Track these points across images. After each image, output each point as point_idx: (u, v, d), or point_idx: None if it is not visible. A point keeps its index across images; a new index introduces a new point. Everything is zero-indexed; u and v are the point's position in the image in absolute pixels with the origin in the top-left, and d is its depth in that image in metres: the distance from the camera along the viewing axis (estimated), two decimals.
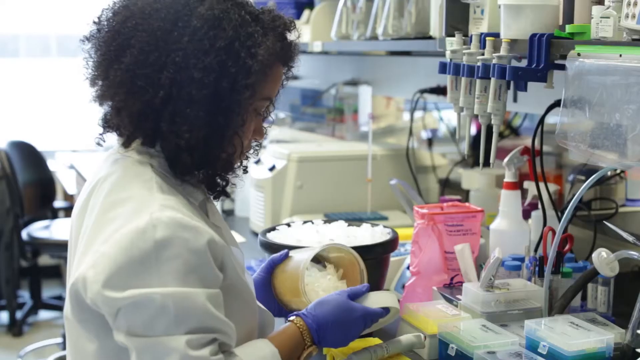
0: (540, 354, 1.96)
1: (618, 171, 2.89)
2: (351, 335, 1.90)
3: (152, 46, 1.65)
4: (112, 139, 1.82)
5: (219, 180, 1.79)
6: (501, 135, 3.64)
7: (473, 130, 3.86)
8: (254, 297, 1.88)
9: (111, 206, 1.68)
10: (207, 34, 1.66)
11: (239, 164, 1.81)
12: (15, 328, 6.28)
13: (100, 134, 1.79)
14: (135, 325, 1.59)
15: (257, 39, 1.69)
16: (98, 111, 1.77)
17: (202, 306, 1.62)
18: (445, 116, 4.33)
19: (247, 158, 1.84)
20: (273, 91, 1.80)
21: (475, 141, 3.39)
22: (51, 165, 6.54)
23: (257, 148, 1.89)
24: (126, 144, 1.74)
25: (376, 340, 2.05)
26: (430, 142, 4.02)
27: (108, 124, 1.75)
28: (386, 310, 1.95)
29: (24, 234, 6.00)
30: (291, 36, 1.80)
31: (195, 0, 1.69)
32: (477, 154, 2.45)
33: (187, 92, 1.64)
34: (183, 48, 1.65)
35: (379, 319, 1.93)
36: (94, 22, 1.75)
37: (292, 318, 1.86)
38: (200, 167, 1.73)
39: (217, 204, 3.75)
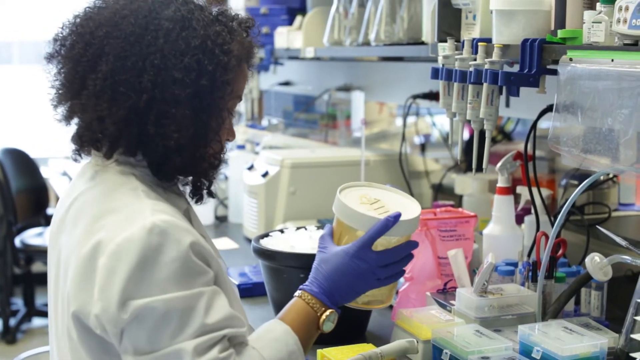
0: (534, 359, 1.96)
1: (611, 176, 2.89)
2: (364, 278, 1.80)
3: (127, 51, 1.65)
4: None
5: (204, 180, 1.79)
6: (494, 140, 3.65)
7: (466, 136, 3.86)
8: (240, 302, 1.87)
9: (99, 216, 1.66)
10: (180, 35, 1.67)
11: (220, 165, 1.80)
12: (9, 335, 6.26)
13: (76, 151, 1.77)
14: (140, 342, 1.58)
15: (226, 37, 1.71)
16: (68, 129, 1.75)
17: (206, 305, 1.61)
18: (438, 121, 4.33)
19: (224, 160, 1.83)
20: (242, 89, 1.81)
21: (468, 146, 3.39)
22: (44, 172, 6.53)
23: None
24: (108, 155, 1.72)
25: (370, 346, 2.05)
26: (423, 147, 4.03)
27: (83, 138, 1.72)
28: (393, 219, 1.81)
29: (17, 241, 5.99)
30: (253, 33, 1.83)
31: (159, 4, 1.70)
32: (470, 159, 2.45)
33: (170, 92, 1.64)
34: (160, 50, 1.65)
35: (379, 235, 1.80)
36: (55, 40, 1.75)
37: (296, 293, 1.82)
38: (188, 168, 1.73)
39: (210, 210, 3.77)
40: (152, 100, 1.65)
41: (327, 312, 1.78)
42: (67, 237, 1.72)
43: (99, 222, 1.65)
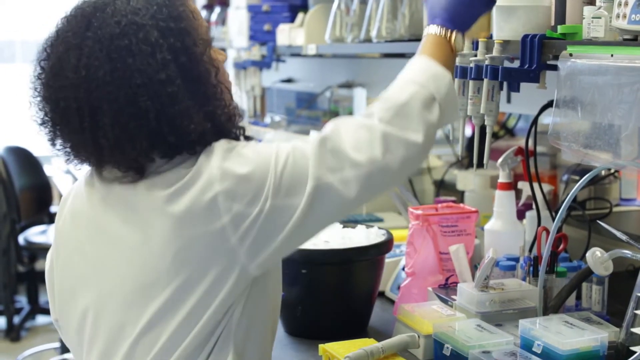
0: (535, 353, 1.97)
1: (612, 171, 2.90)
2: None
3: (114, 94, 1.64)
4: None
5: (235, 132, 1.79)
6: (496, 136, 3.66)
7: (468, 132, 3.87)
8: None
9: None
10: (139, 38, 1.66)
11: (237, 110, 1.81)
12: (13, 333, 6.28)
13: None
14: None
15: (168, 8, 1.71)
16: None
17: None
18: None
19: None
20: (207, 32, 1.78)
21: (470, 142, 3.40)
22: (47, 170, 6.54)
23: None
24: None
25: (372, 341, 2.06)
26: None
27: (131, 167, 1.71)
28: None
29: (21, 239, 6.01)
30: None
31: (103, 33, 1.67)
32: (472, 155, 2.46)
33: (165, 95, 1.65)
34: (136, 69, 1.64)
35: None
36: (41, 109, 1.76)
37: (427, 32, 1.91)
38: (219, 135, 1.73)
39: None
40: (159, 113, 1.65)
41: (453, 33, 1.88)
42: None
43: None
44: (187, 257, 1.64)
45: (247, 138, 1.82)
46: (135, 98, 1.64)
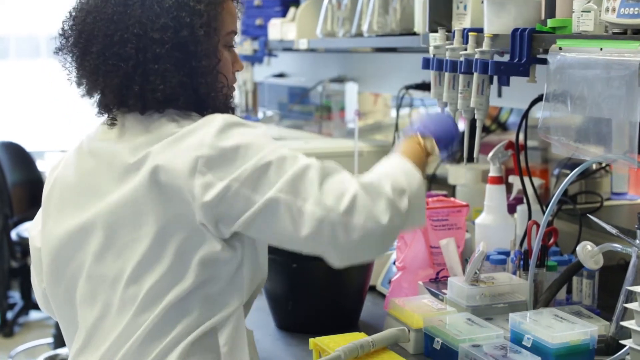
0: (525, 347, 1.97)
1: (603, 165, 2.90)
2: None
3: (111, 29, 1.81)
4: None
5: (223, 111, 1.90)
6: (489, 131, 3.66)
7: (461, 126, 3.87)
8: None
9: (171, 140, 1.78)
10: (155, 1, 1.82)
11: (230, 95, 1.94)
12: (6, 328, 6.27)
13: (110, 117, 1.89)
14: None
15: None
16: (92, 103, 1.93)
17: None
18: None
19: (233, 89, 1.97)
20: (232, 24, 1.94)
21: (463, 137, 3.40)
22: (40, 165, 6.53)
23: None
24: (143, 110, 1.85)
25: (362, 335, 2.06)
26: None
27: (101, 106, 1.90)
28: None
29: (14, 235, 6.00)
30: None
31: None
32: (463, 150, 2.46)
33: (151, 52, 1.80)
34: (138, 20, 1.80)
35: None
36: (60, 35, 1.90)
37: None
38: (201, 105, 1.87)
39: None
40: (137, 64, 1.80)
41: (429, 140, 1.98)
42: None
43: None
44: (164, 206, 1.74)
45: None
46: (125, 42, 1.80)
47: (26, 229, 6.05)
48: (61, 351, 5.15)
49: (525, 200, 2.59)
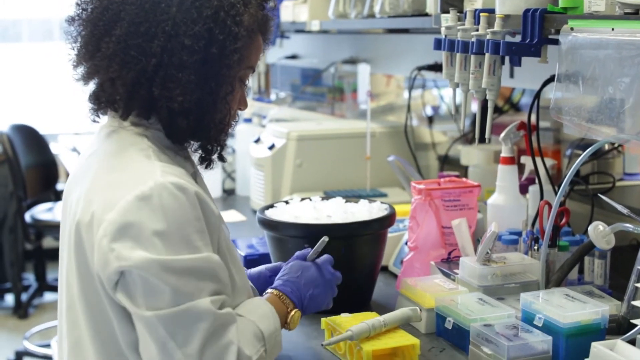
0: (536, 326, 1.98)
1: (616, 145, 2.90)
2: (327, 291, 2.02)
3: (141, 18, 1.71)
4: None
5: (215, 145, 1.84)
6: (501, 111, 3.66)
7: (474, 107, 3.87)
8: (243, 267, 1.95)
9: (109, 171, 1.73)
10: (194, 4, 1.73)
11: (228, 130, 1.86)
12: (21, 310, 6.32)
13: (95, 111, 1.82)
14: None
15: (240, 8, 1.76)
16: (85, 90, 1.81)
17: (217, 267, 1.69)
18: (445, 94, 4.33)
19: (233, 126, 1.89)
20: (256, 60, 1.86)
21: (475, 118, 3.41)
22: (53, 148, 6.56)
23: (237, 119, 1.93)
24: (124, 116, 1.77)
25: (374, 315, 2.07)
26: (430, 119, 4.03)
27: (100, 100, 1.79)
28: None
29: (28, 217, 6.03)
30: (268, 7, 1.87)
31: None
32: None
33: (178, 58, 1.71)
34: (172, 18, 1.71)
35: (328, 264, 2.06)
36: (77, 4, 1.80)
37: (269, 290, 1.95)
38: (197, 132, 1.79)
39: (218, 183, 3.80)
40: (160, 64, 1.71)
41: (294, 311, 1.94)
42: (77, 193, 1.77)
43: (107, 177, 1.72)
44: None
45: (221, 158, 1.88)
46: (152, 37, 1.71)
47: (40, 211, 6.08)
48: None
49: (537, 181, 2.60)
